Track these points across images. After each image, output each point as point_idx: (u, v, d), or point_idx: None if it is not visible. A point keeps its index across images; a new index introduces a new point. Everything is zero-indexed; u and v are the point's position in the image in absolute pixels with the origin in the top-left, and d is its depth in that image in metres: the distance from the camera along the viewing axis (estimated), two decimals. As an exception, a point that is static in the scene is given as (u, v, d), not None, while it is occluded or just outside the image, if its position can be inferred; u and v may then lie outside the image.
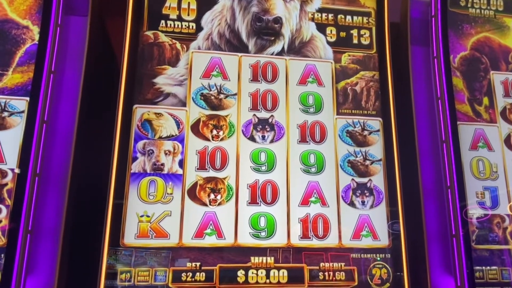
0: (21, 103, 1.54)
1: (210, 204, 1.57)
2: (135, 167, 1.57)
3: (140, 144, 1.59)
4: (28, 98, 1.53)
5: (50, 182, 1.54)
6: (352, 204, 1.67)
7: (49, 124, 1.56)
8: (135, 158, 1.57)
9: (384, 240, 1.64)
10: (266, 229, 1.57)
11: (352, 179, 1.69)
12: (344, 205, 1.66)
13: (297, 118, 1.74)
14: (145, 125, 1.61)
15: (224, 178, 1.60)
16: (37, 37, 1.61)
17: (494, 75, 1.94)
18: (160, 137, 1.60)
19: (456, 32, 1.95)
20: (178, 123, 1.63)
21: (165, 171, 1.57)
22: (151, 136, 1.60)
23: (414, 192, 1.74)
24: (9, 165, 1.47)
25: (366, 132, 1.76)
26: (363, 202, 1.66)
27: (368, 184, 1.69)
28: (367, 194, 1.67)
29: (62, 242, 1.46)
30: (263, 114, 1.72)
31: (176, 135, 1.62)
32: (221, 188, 1.59)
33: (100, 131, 1.64)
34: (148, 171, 1.56)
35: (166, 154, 1.59)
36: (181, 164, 1.59)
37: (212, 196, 1.57)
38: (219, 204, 1.58)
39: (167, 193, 1.54)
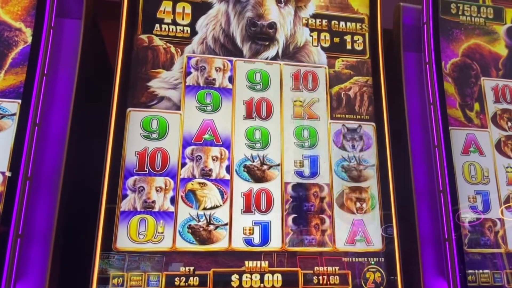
0: (12, 106, 1.52)
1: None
2: (125, 205, 1.52)
3: (130, 181, 1.54)
4: (20, 101, 1.51)
5: (42, 185, 1.51)
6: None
7: (41, 127, 1.54)
8: (125, 196, 1.53)
9: (377, 244, 1.65)
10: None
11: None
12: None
13: (291, 124, 1.75)
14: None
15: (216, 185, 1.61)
16: (29, 39, 1.59)
17: (484, 81, 1.97)
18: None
19: (447, 38, 1.98)
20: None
21: (156, 209, 1.54)
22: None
23: (407, 196, 1.75)
24: (0, 168, 1.44)
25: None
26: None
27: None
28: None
29: (53, 247, 1.44)
30: (258, 122, 1.72)
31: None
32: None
33: (93, 134, 1.63)
34: (139, 209, 1.53)
35: (157, 191, 1.55)
36: (173, 201, 1.56)
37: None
38: (216, 207, 1.58)
39: (158, 232, 1.51)
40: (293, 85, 1.80)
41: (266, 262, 1.54)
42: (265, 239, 1.57)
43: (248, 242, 1.56)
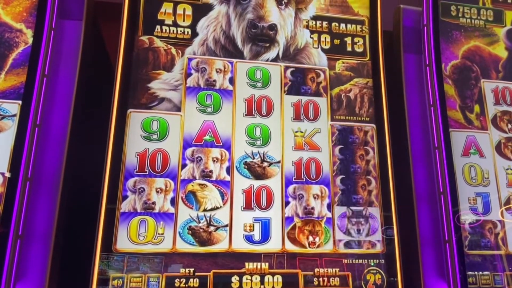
0: (13, 107, 1.52)
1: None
2: (125, 206, 1.51)
3: (130, 182, 1.54)
4: (20, 102, 1.51)
5: (42, 186, 1.51)
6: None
7: (41, 128, 1.54)
8: (125, 197, 1.53)
9: (378, 245, 1.65)
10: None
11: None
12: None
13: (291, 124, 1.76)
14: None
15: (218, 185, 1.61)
16: (30, 40, 1.60)
17: (484, 83, 1.97)
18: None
19: (447, 41, 1.99)
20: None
21: (156, 210, 1.54)
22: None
23: (407, 198, 1.75)
24: (0, 169, 1.44)
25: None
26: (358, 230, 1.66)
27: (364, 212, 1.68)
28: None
29: (53, 248, 1.44)
30: (258, 120, 1.73)
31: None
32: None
33: (94, 135, 1.63)
34: (139, 210, 1.52)
35: (157, 192, 1.55)
36: (173, 202, 1.56)
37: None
38: (216, 208, 1.58)
39: (158, 233, 1.51)
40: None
41: (266, 264, 1.54)
42: (265, 236, 1.57)
43: (249, 238, 1.56)
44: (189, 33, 1.78)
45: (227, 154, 1.65)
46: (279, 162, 1.68)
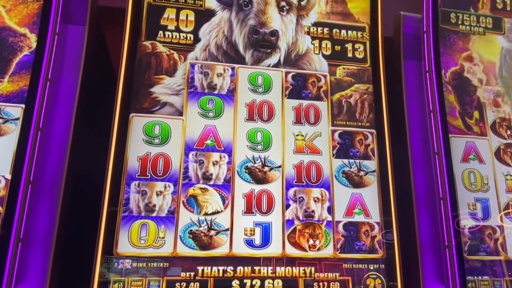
0: (16, 110, 1.53)
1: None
2: (126, 210, 1.52)
3: (132, 185, 1.55)
4: (23, 105, 1.52)
5: (44, 190, 1.51)
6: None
7: (44, 132, 1.55)
8: (126, 201, 1.53)
9: (378, 250, 1.66)
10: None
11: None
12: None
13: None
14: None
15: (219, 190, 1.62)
16: (34, 45, 1.61)
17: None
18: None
19: (447, 47, 2.00)
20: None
21: (158, 214, 1.54)
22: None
23: (407, 203, 1.76)
24: (2, 172, 1.45)
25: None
26: None
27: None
28: None
29: (54, 251, 1.44)
30: (259, 124, 1.74)
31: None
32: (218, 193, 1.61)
33: (96, 139, 1.64)
34: (140, 214, 1.52)
35: (159, 195, 1.56)
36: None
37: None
38: (217, 212, 1.59)
39: (159, 237, 1.52)
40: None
41: (267, 268, 1.54)
42: (265, 241, 1.58)
43: (249, 243, 1.56)
44: (192, 38, 1.80)
45: (229, 158, 1.66)
46: (280, 166, 1.69)
